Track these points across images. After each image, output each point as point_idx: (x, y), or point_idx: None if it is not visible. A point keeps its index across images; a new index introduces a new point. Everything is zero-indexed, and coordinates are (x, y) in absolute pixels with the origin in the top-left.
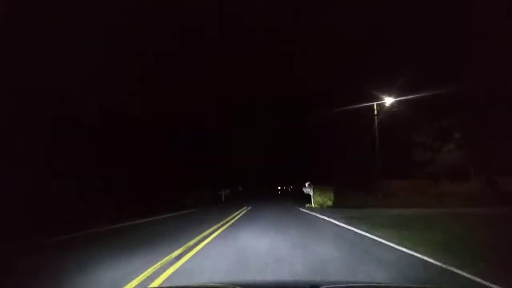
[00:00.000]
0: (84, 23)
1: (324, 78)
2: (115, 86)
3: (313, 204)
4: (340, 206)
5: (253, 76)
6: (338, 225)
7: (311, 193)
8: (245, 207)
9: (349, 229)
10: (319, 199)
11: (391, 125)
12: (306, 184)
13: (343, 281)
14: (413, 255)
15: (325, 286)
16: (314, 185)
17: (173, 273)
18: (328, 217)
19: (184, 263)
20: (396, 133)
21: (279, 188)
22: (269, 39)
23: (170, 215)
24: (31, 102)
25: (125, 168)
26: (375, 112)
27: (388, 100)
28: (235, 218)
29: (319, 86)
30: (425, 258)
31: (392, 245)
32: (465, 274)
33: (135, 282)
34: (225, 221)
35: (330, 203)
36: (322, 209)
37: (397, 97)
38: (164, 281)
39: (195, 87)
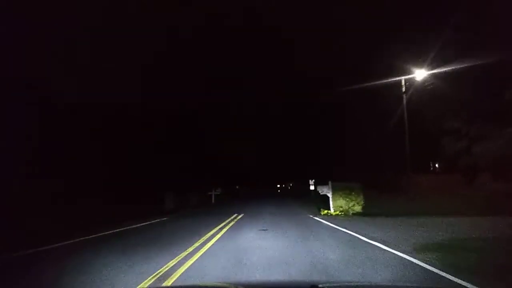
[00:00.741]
0: (84, 23)
1: (327, 66)
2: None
3: (332, 210)
4: (370, 213)
5: (252, 71)
6: None
7: (330, 194)
8: (235, 214)
9: None
10: (341, 202)
11: (416, 104)
12: (311, 182)
13: (343, 281)
14: None
15: (325, 286)
16: (333, 182)
17: None
18: (383, 242)
19: None
20: (423, 118)
21: (278, 186)
22: (269, 38)
23: (119, 230)
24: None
25: (113, 165)
26: (403, 89)
27: (419, 74)
28: (212, 241)
29: (321, 73)
30: None
31: None
32: None
33: None
34: (189, 250)
35: (358, 208)
36: (349, 218)
37: (432, 70)
38: None
39: (193, 81)
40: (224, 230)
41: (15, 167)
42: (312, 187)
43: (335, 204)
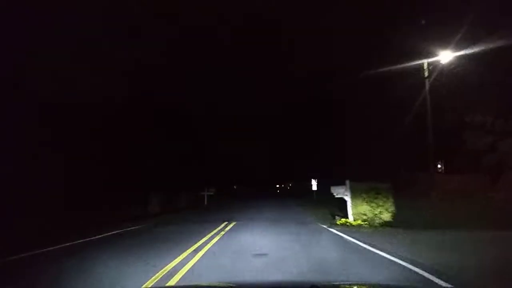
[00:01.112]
0: (84, 23)
1: (327, 66)
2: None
3: (351, 218)
4: (397, 222)
5: (252, 71)
6: None
7: (348, 198)
8: (225, 223)
9: None
10: (365, 208)
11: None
12: (313, 181)
13: (343, 281)
14: None
15: (326, 286)
16: (352, 181)
17: None
18: None
19: None
20: (442, 110)
21: (278, 186)
22: (269, 38)
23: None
24: None
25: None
26: (426, 74)
27: (445, 57)
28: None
29: (321, 73)
30: None
31: None
32: None
33: None
34: None
35: (387, 216)
36: (377, 231)
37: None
38: None
39: (193, 81)
40: (200, 254)
41: (15, 167)
42: (314, 187)
43: (356, 211)
